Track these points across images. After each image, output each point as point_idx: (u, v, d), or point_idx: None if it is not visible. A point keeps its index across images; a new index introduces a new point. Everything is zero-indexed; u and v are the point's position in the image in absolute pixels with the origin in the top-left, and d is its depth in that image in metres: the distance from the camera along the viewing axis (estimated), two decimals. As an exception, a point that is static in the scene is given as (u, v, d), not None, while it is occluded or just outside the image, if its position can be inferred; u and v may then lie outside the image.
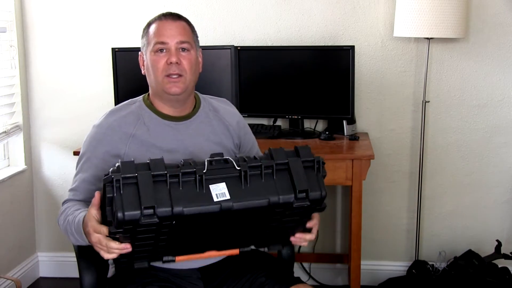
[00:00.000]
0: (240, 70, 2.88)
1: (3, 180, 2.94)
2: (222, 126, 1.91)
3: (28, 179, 3.20)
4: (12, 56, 3.05)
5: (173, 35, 1.78)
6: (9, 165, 3.14)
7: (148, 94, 1.89)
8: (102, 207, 1.49)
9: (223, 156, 1.49)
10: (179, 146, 1.81)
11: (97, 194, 1.53)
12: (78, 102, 3.15)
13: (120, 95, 2.90)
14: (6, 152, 3.13)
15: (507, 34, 2.90)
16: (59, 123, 3.17)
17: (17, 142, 3.12)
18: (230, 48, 2.85)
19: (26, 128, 3.16)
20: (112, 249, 1.47)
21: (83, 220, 1.56)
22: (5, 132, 2.99)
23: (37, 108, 3.17)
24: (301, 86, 2.87)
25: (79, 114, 3.15)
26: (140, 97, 1.90)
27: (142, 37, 1.85)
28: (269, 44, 3.00)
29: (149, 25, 1.84)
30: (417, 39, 2.93)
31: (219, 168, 1.45)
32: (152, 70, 1.80)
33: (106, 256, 1.50)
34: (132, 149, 1.78)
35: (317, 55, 2.88)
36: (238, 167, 1.45)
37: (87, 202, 1.80)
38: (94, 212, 1.52)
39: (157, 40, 1.78)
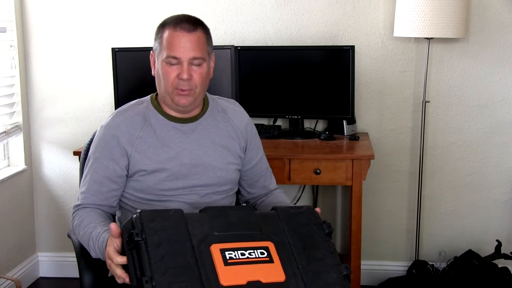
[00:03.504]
0: (240, 70, 2.88)
1: (3, 180, 2.94)
2: (230, 128, 1.91)
3: (28, 179, 3.20)
4: (12, 56, 3.05)
5: (187, 50, 1.73)
6: (9, 165, 3.14)
7: (157, 94, 1.88)
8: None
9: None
10: (185, 148, 1.82)
11: (113, 226, 1.51)
12: (78, 102, 3.15)
13: (120, 95, 2.90)
14: (6, 152, 3.13)
15: (507, 34, 2.90)
16: (59, 123, 3.17)
17: (17, 142, 3.12)
18: (230, 48, 2.85)
19: (26, 128, 3.16)
20: (117, 276, 1.50)
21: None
22: (5, 132, 2.99)
23: (37, 108, 3.17)
24: (301, 86, 2.87)
25: (79, 114, 3.15)
26: (148, 97, 1.89)
27: (155, 39, 1.80)
28: (269, 44, 3.00)
29: (163, 27, 1.78)
30: (417, 39, 2.93)
31: None
32: (162, 79, 1.78)
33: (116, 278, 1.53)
34: (139, 150, 1.80)
35: (317, 55, 2.88)
36: None
37: (97, 205, 1.82)
38: (114, 240, 1.54)
39: (169, 53, 1.74)
